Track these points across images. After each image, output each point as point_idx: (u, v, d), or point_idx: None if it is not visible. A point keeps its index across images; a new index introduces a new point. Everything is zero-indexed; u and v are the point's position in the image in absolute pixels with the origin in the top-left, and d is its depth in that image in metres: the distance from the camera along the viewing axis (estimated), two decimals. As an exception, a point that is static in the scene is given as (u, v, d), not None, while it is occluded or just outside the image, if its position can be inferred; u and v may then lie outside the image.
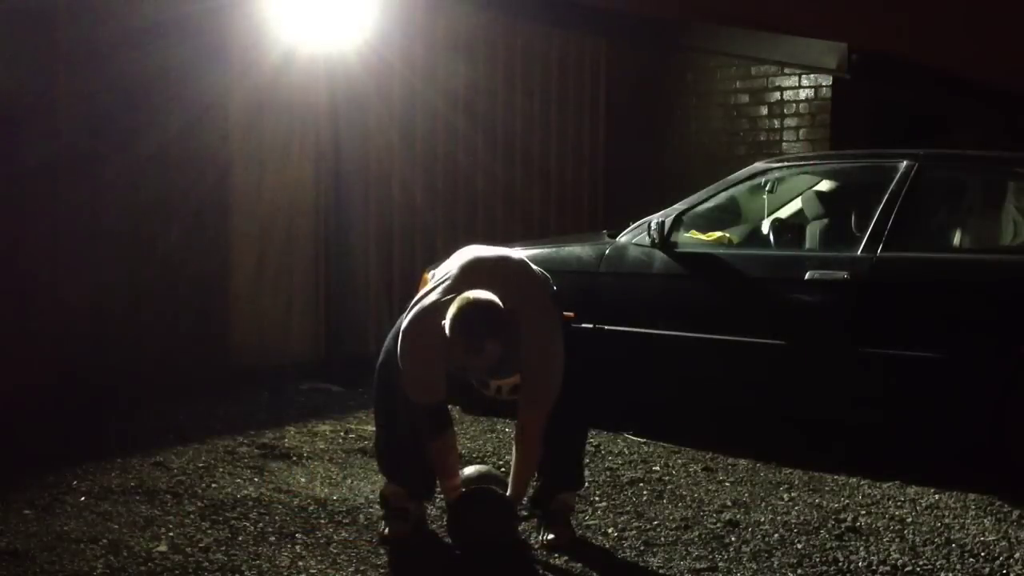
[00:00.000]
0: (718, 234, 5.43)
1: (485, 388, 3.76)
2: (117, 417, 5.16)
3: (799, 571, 3.42)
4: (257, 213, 6.28)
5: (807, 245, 5.38)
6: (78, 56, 5.35)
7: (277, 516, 3.83)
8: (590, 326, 5.27)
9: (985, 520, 3.96)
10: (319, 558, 3.44)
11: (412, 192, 7.04)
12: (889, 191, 4.83)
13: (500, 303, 3.34)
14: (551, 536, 3.59)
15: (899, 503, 4.16)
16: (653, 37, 8.93)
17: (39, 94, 5.23)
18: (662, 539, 3.70)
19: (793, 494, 4.27)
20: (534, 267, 3.70)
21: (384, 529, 3.65)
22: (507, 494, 3.56)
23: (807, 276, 4.81)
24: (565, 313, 3.66)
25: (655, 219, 5.28)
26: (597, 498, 4.17)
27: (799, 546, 3.65)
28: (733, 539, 3.70)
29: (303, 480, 4.32)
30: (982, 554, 3.60)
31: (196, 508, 3.89)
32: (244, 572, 3.30)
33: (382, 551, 3.52)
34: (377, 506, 3.91)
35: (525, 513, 3.74)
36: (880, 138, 7.43)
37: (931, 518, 3.99)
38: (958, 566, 3.50)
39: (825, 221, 5.49)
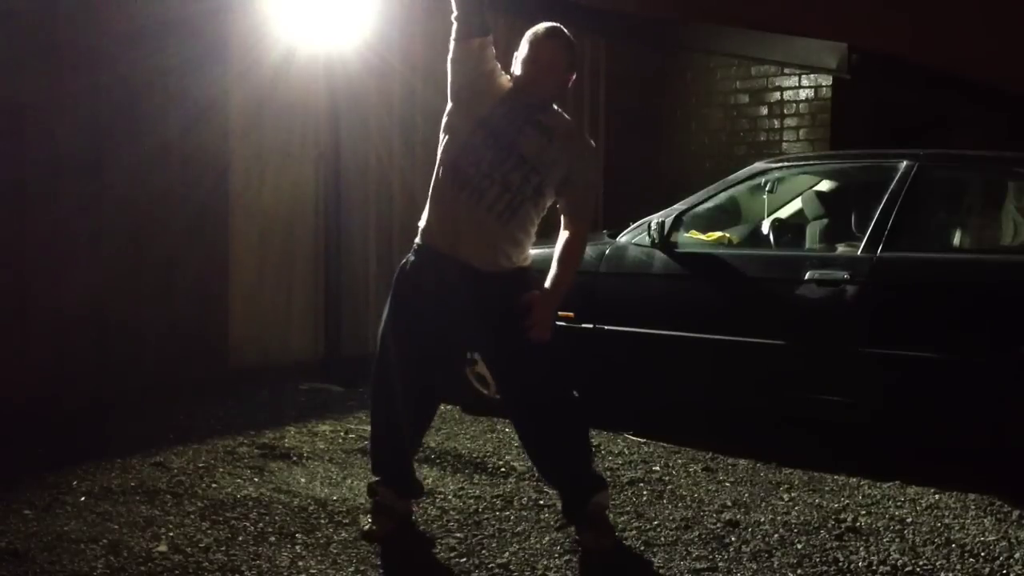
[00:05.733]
0: (718, 234, 5.43)
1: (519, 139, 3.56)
2: (117, 417, 5.16)
3: (799, 571, 3.42)
4: (257, 213, 6.28)
5: (807, 245, 5.38)
6: (78, 56, 5.35)
7: (277, 516, 3.83)
8: (590, 326, 5.28)
9: (985, 520, 3.96)
10: (319, 558, 3.44)
11: (412, 192, 7.04)
12: (889, 191, 4.83)
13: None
14: (596, 540, 3.55)
15: (899, 503, 4.16)
16: (653, 37, 8.94)
17: (39, 94, 5.23)
18: (662, 539, 3.70)
19: (793, 494, 4.27)
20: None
21: (366, 525, 3.65)
22: (545, 289, 3.52)
23: (807, 276, 4.81)
24: (563, 313, 3.66)
25: (655, 219, 5.28)
26: (597, 498, 4.16)
27: (799, 546, 3.65)
28: (733, 539, 3.70)
29: (303, 480, 4.32)
30: (982, 554, 3.60)
31: (196, 508, 3.89)
32: (244, 572, 3.30)
33: (383, 551, 3.51)
34: (377, 506, 3.92)
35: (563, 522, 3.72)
36: (880, 138, 7.44)
37: (931, 518, 3.98)
38: (958, 566, 3.50)
39: (825, 221, 5.49)
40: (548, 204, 3.61)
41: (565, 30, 3.56)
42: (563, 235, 3.59)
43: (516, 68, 3.52)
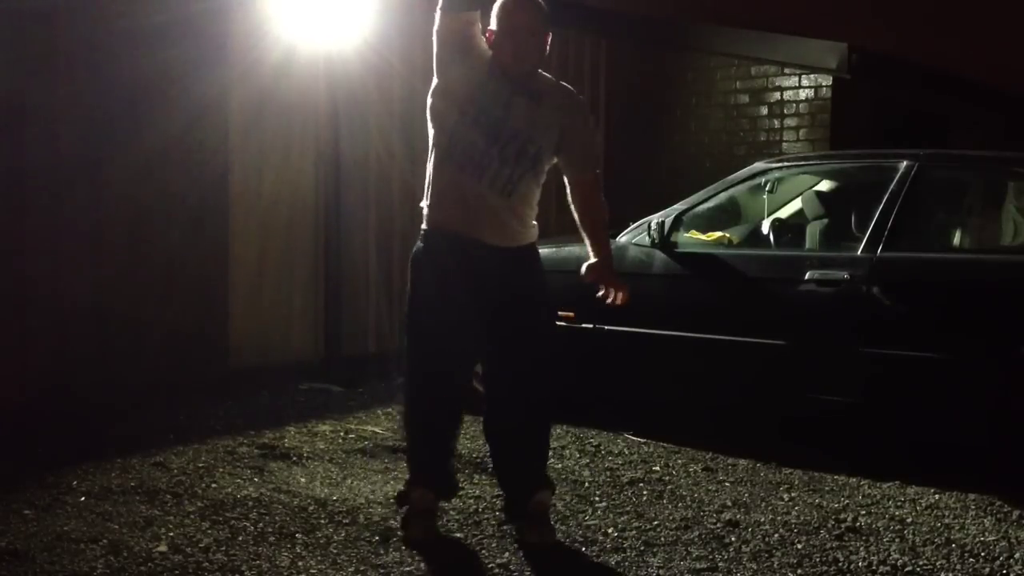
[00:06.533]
0: (718, 234, 5.43)
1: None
2: (117, 417, 5.16)
3: (799, 571, 3.42)
4: (257, 213, 6.28)
5: (807, 245, 5.38)
6: (78, 56, 5.35)
7: (277, 516, 3.83)
8: (590, 326, 5.27)
9: (985, 520, 3.96)
10: (319, 558, 3.44)
11: (412, 192, 7.04)
12: (889, 191, 4.83)
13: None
14: (535, 538, 3.58)
15: (899, 503, 4.17)
16: (653, 37, 8.94)
17: (39, 94, 5.23)
18: (662, 539, 3.70)
19: (793, 494, 4.27)
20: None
21: (402, 531, 3.62)
22: (593, 260, 3.64)
23: (807, 276, 4.81)
24: (564, 312, 3.67)
25: (655, 219, 5.29)
26: (597, 498, 4.17)
27: (799, 546, 3.65)
28: (733, 539, 3.70)
29: (303, 480, 4.32)
30: (982, 554, 3.60)
31: (196, 508, 3.89)
32: (244, 572, 3.30)
33: (382, 551, 3.51)
34: (377, 506, 3.91)
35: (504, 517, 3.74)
36: (880, 138, 7.44)
37: (931, 518, 3.99)
38: (958, 566, 3.50)
39: (825, 221, 5.49)
40: (547, 168, 3.61)
41: None
42: (576, 200, 3.65)
43: (494, 43, 3.50)
